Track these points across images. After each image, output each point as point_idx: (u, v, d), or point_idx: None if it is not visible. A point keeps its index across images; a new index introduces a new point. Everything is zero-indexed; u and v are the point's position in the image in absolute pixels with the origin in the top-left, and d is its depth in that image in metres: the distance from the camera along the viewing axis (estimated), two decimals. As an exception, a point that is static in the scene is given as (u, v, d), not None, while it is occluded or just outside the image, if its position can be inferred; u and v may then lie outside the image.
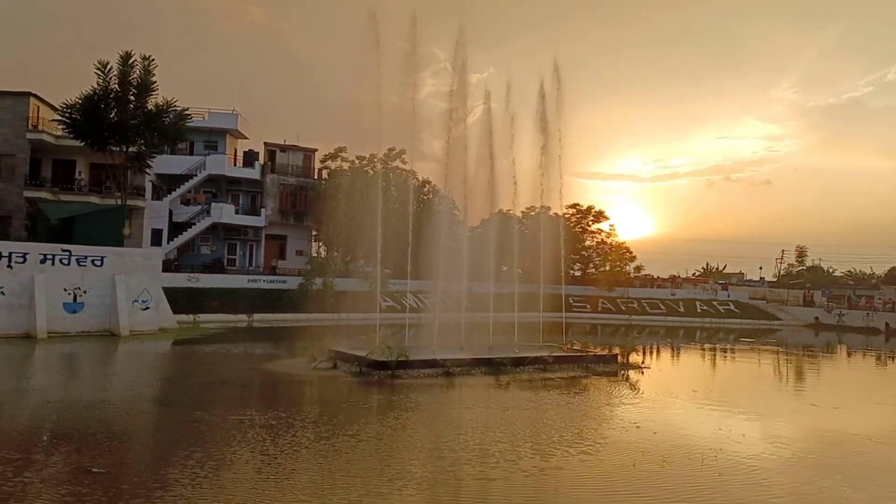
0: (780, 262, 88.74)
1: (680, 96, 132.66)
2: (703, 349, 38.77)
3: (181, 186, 49.12)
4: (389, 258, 26.92)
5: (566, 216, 50.06)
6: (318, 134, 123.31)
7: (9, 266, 28.93)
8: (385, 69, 26.84)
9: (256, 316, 42.04)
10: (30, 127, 42.44)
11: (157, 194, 48.35)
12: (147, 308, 32.41)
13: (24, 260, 29.28)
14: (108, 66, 37.43)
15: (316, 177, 55.07)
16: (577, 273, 61.62)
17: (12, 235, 39.52)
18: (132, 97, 37.79)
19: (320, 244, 55.05)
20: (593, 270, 62.49)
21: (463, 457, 12.12)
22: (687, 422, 16.30)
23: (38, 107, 43.64)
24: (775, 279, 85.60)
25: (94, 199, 42.76)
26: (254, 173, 52.25)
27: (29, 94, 42.65)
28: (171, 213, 48.75)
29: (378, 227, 26.50)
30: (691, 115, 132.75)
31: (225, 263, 50.42)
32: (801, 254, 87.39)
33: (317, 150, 55.74)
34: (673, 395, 20.30)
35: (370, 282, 43.86)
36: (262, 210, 52.08)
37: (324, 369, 21.75)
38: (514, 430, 14.31)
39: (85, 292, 30.55)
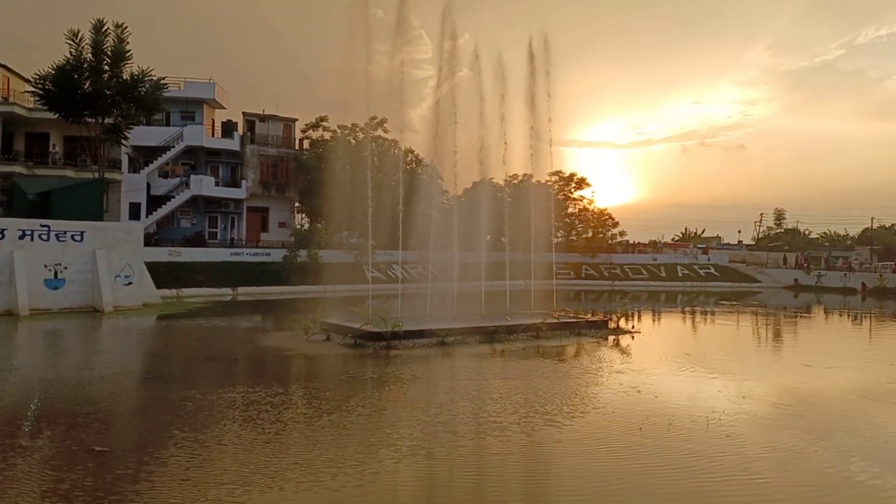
0: (759, 225, 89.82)
1: (654, 62, 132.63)
2: (688, 312, 39.15)
3: (158, 158, 48.08)
4: (375, 229, 26.63)
5: (548, 183, 49.88)
6: (297, 103, 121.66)
7: (-14, 243, 28.19)
8: (362, 37, 26.33)
9: (241, 289, 41.62)
10: (0, 99, 41.12)
11: (134, 167, 47.33)
12: (130, 283, 31.88)
13: (3, 236, 28.55)
14: (80, 35, 36.21)
15: (297, 147, 54.25)
16: (560, 240, 61.72)
17: (-14, 211, 38.53)
18: (106, 67, 36.64)
19: (303, 216, 54.49)
20: (574, 238, 62.60)
21: (464, 427, 12.06)
22: (685, 385, 16.38)
23: (9, 78, 42.32)
24: (754, 242, 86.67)
25: (69, 172, 41.76)
26: (233, 144, 51.30)
27: (-2, 65, 41.29)
28: (148, 186, 47.76)
29: (368, 198, 26.19)
30: (666, 81, 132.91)
31: (206, 237, 49.70)
32: (779, 216, 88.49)
33: (297, 119, 54.89)
34: (667, 359, 20.43)
35: (355, 253, 43.60)
36: (243, 182, 51.28)
37: (317, 342, 21.55)
38: (514, 398, 14.29)
39: (66, 268, 29.92)
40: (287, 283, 43.39)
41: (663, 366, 19.13)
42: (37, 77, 36.66)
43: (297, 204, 55.16)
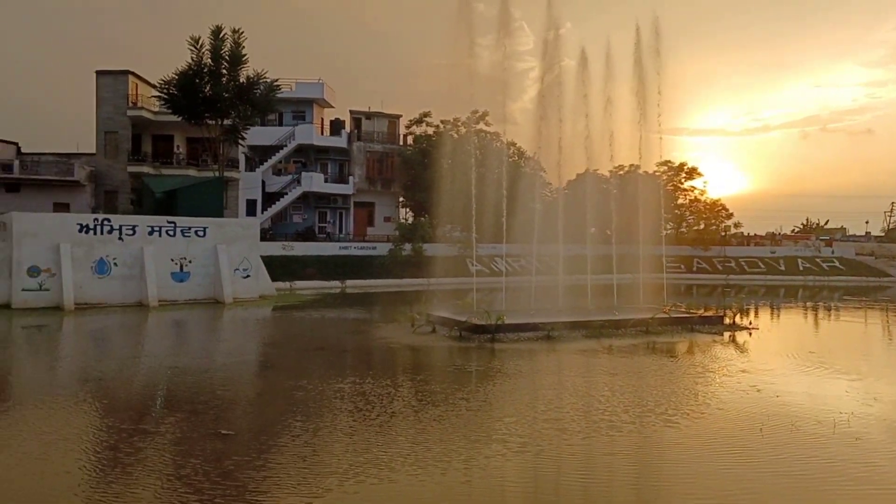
0: (890, 215, 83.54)
1: (770, 43, 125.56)
2: (809, 308, 36.93)
3: (272, 157, 50.30)
4: (478, 222, 26.68)
5: (657, 174, 48.35)
6: (401, 100, 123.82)
7: (120, 239, 30.40)
8: (464, 31, 26.41)
9: (349, 282, 42.83)
10: (130, 104, 44.20)
11: (250, 165, 49.69)
12: (248, 276, 33.51)
13: (134, 232, 30.70)
14: (201, 42, 38.36)
15: (401, 143, 55.23)
16: (670, 232, 59.71)
17: (119, 209, 41.55)
18: (224, 70, 38.70)
19: (408, 210, 55.43)
20: (685, 230, 60.39)
21: (573, 424, 11.83)
22: (809, 385, 15.45)
23: (137, 84, 45.37)
24: (883, 234, 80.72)
25: (192, 171, 44.36)
26: (341, 141, 52.87)
27: (128, 72, 44.36)
28: (263, 183, 50.06)
29: (471, 192, 26.28)
30: (783, 64, 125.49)
31: (316, 231, 51.50)
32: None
33: (401, 115, 55.88)
34: (788, 357, 19.34)
35: (459, 246, 43.89)
36: (350, 178, 52.75)
37: (423, 334, 21.86)
38: (625, 395, 13.92)
39: (190, 262, 31.82)
40: (392, 276, 44.31)
41: (784, 364, 18.12)
42: (162, 82, 39.20)
43: (401, 198, 56.18)
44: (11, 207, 36.32)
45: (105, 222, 30.40)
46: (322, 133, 53.61)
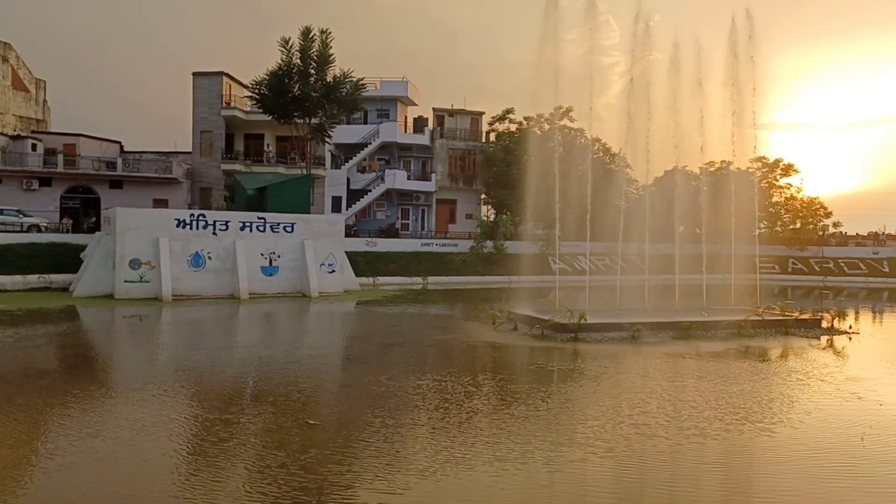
0: None
1: (875, 32, 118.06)
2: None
3: (357, 155, 51.27)
4: (561, 220, 26.33)
5: (751, 171, 46.42)
6: (484, 96, 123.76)
7: (214, 233, 31.71)
8: (551, 26, 26.10)
9: (431, 279, 43.16)
10: (223, 104, 45.98)
11: (336, 163, 50.79)
12: (333, 271, 34.30)
13: (227, 228, 31.96)
14: (290, 42, 39.49)
15: (484, 140, 55.21)
16: (763, 231, 57.25)
17: (213, 205, 43.30)
18: (312, 70, 39.71)
19: (489, 207, 55.33)
20: (780, 229, 57.75)
21: (660, 429, 11.50)
22: (916, 394, 14.51)
23: (230, 85, 47.13)
24: None
25: (280, 169, 45.73)
26: (423, 139, 53.32)
27: (222, 73, 46.13)
28: (348, 180, 51.09)
29: (554, 189, 25.98)
30: (888, 54, 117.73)
31: (399, 228, 52.16)
32: None
33: (483, 112, 55.77)
34: (890, 364, 18.26)
35: (540, 244, 43.47)
36: (433, 175, 53.12)
37: (505, 331, 21.79)
38: (714, 400, 13.42)
39: (279, 256, 32.87)
40: (473, 273, 44.40)
41: (887, 371, 17.09)
42: (253, 83, 40.60)
43: (483, 196, 56.11)
44: (115, 203, 38.48)
45: (200, 217, 31.80)
46: (405, 131, 54.22)
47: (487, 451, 9.97)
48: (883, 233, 67.12)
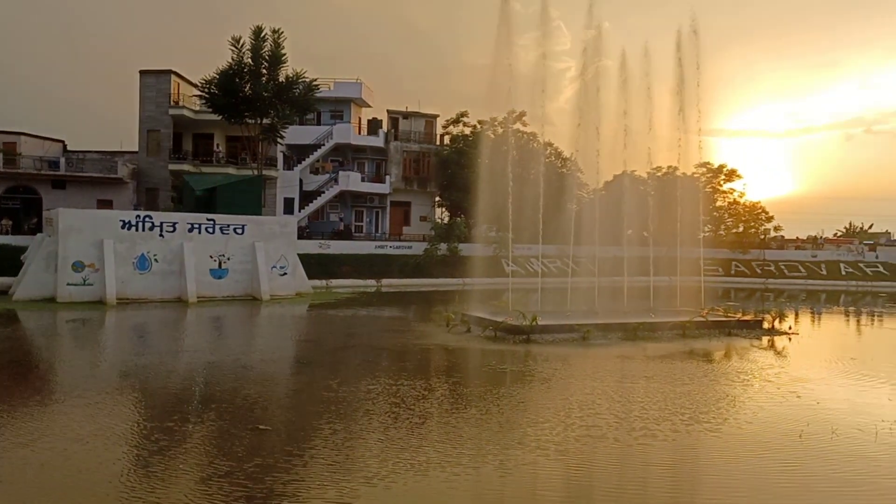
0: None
1: (814, 43, 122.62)
2: (852, 314, 36.06)
3: (310, 156, 50.85)
4: (514, 222, 26.63)
5: (696, 176, 47.62)
6: (438, 99, 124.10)
7: (161, 235, 31.04)
8: (503, 30, 26.41)
9: (385, 281, 43.09)
10: (172, 103, 45.08)
11: (288, 164, 50.27)
12: (285, 274, 33.94)
13: (174, 229, 31.31)
14: (241, 42, 38.98)
15: (438, 142, 55.37)
16: (708, 235, 58.82)
17: (160, 206, 42.44)
18: (264, 70, 39.26)
19: (443, 210, 55.53)
20: (723, 233, 59.45)
21: (608, 430, 11.75)
22: (850, 392, 15.11)
23: (179, 83, 46.24)
24: (932, 238, 78.36)
25: (231, 170, 45.05)
26: (378, 141, 53.20)
27: (170, 71, 45.22)
28: (300, 182, 50.60)
29: (507, 192, 26.23)
30: (827, 63, 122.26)
31: (353, 230, 51.92)
32: (963, 210, 79.42)
33: (438, 115, 56.03)
34: (828, 363, 18.98)
35: (494, 247, 43.82)
36: (387, 177, 53.05)
37: (458, 334, 21.90)
38: (661, 400, 13.75)
39: (228, 259, 32.36)
40: (428, 275, 44.48)
41: (825, 370, 17.76)
42: (203, 82, 39.94)
43: (437, 198, 56.30)
44: (57, 204, 37.35)
45: (147, 219, 31.09)
46: (359, 132, 54.01)
47: (439, 456, 9.96)
48: (821, 237, 69.74)
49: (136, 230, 30.52)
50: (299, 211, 49.43)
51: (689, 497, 9.27)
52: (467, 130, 53.17)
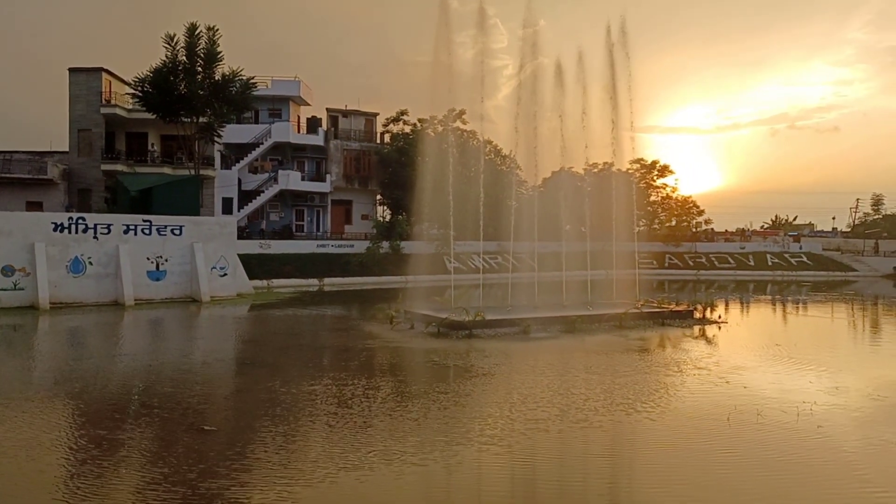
0: (855, 212, 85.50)
1: (740, 42, 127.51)
2: (778, 302, 37.86)
3: (248, 155, 50.11)
4: (455, 220, 27.01)
5: (630, 172, 49.01)
6: (378, 97, 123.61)
7: (95, 237, 30.20)
8: (441, 29, 26.75)
9: (327, 280, 42.93)
10: (103, 102, 43.75)
11: (226, 163, 49.44)
12: (225, 275, 33.48)
13: (109, 231, 30.52)
14: (176, 39, 38.17)
15: (378, 141, 55.36)
16: (642, 229, 60.59)
17: (93, 207, 41.17)
18: (199, 68, 38.52)
19: (385, 208, 55.57)
20: (657, 227, 61.37)
21: (547, 419, 12.21)
22: (775, 376, 16.00)
23: (110, 81, 44.91)
24: (849, 229, 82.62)
25: (167, 170, 44.01)
26: (318, 139, 52.84)
27: (101, 69, 43.86)
28: (239, 181, 49.87)
29: (448, 190, 26.57)
30: (753, 62, 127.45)
31: (293, 229, 51.47)
32: (877, 202, 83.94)
33: (378, 114, 55.98)
34: (755, 350, 20.01)
35: (436, 244, 44.19)
36: (328, 176, 52.76)
37: (402, 330, 22.14)
38: (598, 388, 14.35)
39: (166, 260, 31.72)
40: (370, 273, 44.52)
41: (752, 357, 18.75)
42: (136, 80, 38.93)
43: (378, 196, 56.31)
44: (-17, 206, 35.88)
45: (80, 221, 30.19)
46: (299, 131, 53.50)
47: (384, 453, 10.07)
48: (748, 229, 72.75)
49: (69, 232, 29.62)
50: (238, 211, 48.71)
51: (627, 481, 9.78)
52: (407, 129, 53.33)
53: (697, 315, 25.41)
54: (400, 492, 8.92)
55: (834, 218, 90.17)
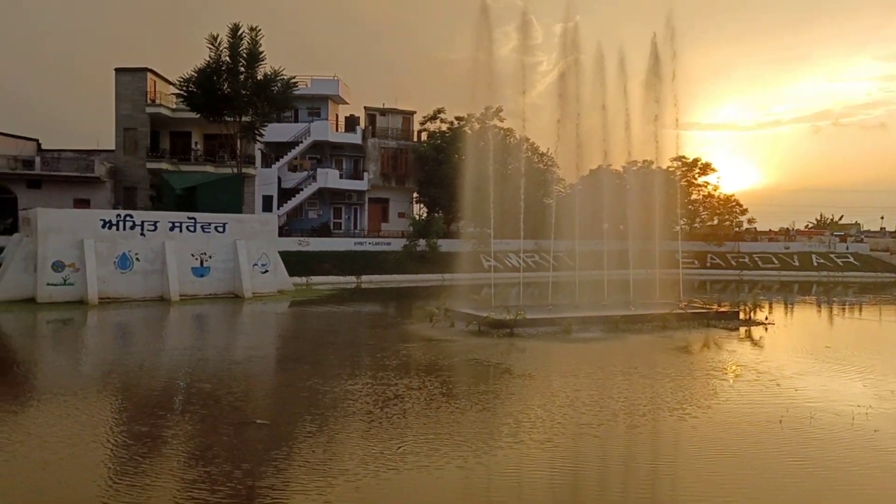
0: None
1: (783, 38, 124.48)
2: (825, 304, 36.97)
3: (288, 154, 50.73)
4: (493, 218, 26.92)
5: (671, 169, 48.31)
6: (415, 95, 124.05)
7: (141, 234, 30.89)
8: (483, 27, 26.69)
9: (364, 277, 43.21)
10: (148, 101, 44.66)
11: (266, 162, 50.08)
12: (266, 271, 33.94)
13: (155, 228, 31.17)
14: (219, 39, 38.78)
15: (415, 139, 55.53)
16: (683, 227, 59.69)
17: (138, 205, 42.05)
18: (242, 68, 39.09)
19: (422, 206, 55.73)
20: (698, 225, 60.40)
21: (591, 418, 12.11)
22: (826, 379, 15.64)
23: (155, 81, 45.81)
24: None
25: (209, 168, 44.74)
26: (355, 138, 53.22)
27: (146, 69, 44.78)
28: (279, 179, 50.48)
29: (485, 188, 26.52)
30: (795, 58, 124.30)
31: (331, 227, 51.92)
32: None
33: (415, 112, 56.12)
34: (804, 352, 19.57)
35: (473, 242, 44.16)
36: (365, 174, 53.10)
37: (441, 328, 22.15)
38: (643, 389, 14.17)
39: (210, 257, 32.30)
40: (407, 271, 44.70)
41: (801, 359, 18.35)
42: (181, 80, 39.67)
43: (415, 194, 56.49)
44: (33, 203, 36.92)
45: (127, 218, 30.91)
46: (337, 130, 53.96)
47: (423, 454, 9.96)
48: (793, 229, 71.13)
49: (117, 229, 30.34)
50: (278, 208, 49.31)
51: (677, 488, 9.51)
52: (444, 127, 53.38)
53: (743, 316, 24.94)
54: (439, 492, 8.87)
55: (882, 217, 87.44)
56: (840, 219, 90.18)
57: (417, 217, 53.30)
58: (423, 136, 55.13)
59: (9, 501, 8.36)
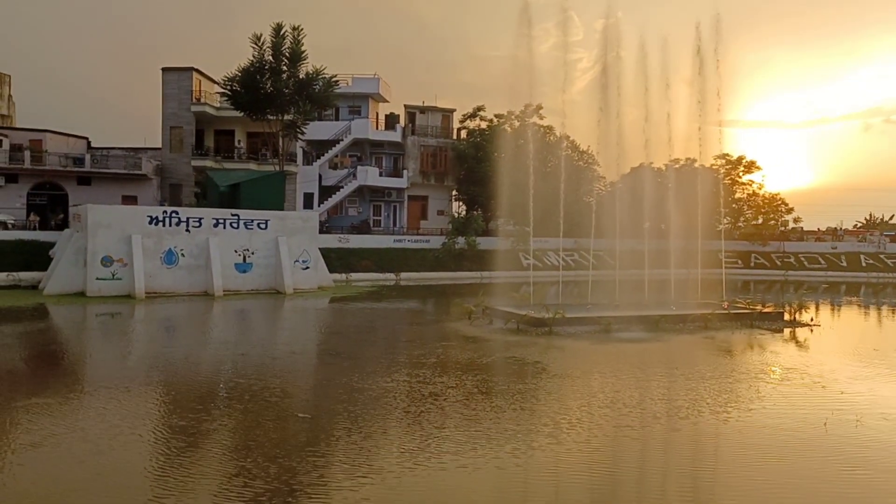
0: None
1: (831, 32, 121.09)
2: (873, 306, 35.97)
3: (329, 151, 51.28)
4: (532, 216, 26.83)
5: (714, 167, 47.46)
6: (454, 93, 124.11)
7: (187, 230, 31.61)
8: (523, 24, 26.61)
9: (403, 274, 43.47)
10: (193, 100, 45.61)
11: (308, 159, 50.68)
12: (307, 268, 34.42)
13: (200, 224, 31.87)
14: (262, 39, 39.39)
15: (455, 137, 55.61)
16: (727, 226, 58.59)
17: (183, 202, 42.98)
18: (285, 67, 39.65)
19: (461, 204, 55.80)
20: (742, 225, 59.22)
21: (630, 419, 12.03)
22: (873, 381, 15.27)
23: (200, 81, 46.74)
24: (953, 230, 77.54)
25: (252, 165, 45.53)
26: (395, 136, 53.54)
27: (191, 69, 45.74)
28: (319, 177, 51.07)
29: (524, 185, 26.43)
30: (844, 53, 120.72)
31: (371, 224, 52.35)
32: (985, 201, 78.46)
33: (454, 110, 56.19)
34: (850, 354, 19.12)
35: (512, 240, 44.07)
36: (404, 171, 53.38)
37: (480, 326, 22.20)
38: (685, 389, 14.03)
39: (253, 253, 32.89)
40: (446, 268, 44.87)
41: (847, 361, 17.92)
42: (225, 79, 40.44)
43: (454, 192, 56.57)
44: (83, 200, 38.01)
45: (173, 214, 31.66)
46: (377, 127, 54.35)
47: (461, 452, 10.00)
48: (840, 228, 69.26)
49: (163, 225, 31.11)
50: (318, 206, 49.88)
51: (709, 488, 9.42)
52: (484, 125, 53.35)
53: (787, 317, 24.44)
54: (476, 492, 8.87)
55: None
56: (891, 218, 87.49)
57: (456, 215, 53.42)
58: (463, 133, 55.18)
59: (61, 489, 8.61)
